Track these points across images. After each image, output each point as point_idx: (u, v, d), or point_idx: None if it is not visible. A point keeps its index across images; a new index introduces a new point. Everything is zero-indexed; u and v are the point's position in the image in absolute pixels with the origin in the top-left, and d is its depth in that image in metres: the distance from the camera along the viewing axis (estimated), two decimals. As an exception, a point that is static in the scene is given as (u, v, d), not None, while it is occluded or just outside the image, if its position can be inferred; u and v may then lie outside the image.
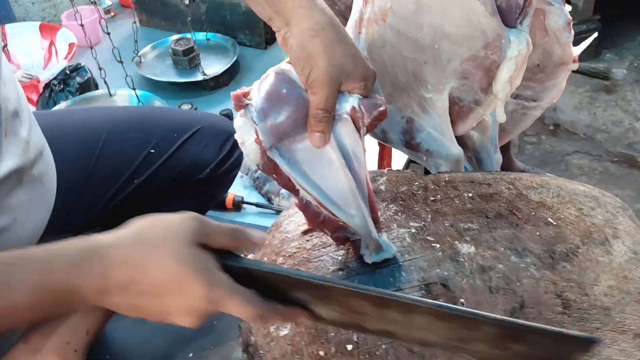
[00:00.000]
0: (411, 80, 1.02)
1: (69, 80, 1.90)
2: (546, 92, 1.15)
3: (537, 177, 0.85)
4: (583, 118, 2.94)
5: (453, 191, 0.83)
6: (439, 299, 0.68)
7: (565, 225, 0.77)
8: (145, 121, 1.10)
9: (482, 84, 0.98)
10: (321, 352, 0.65)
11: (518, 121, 1.23)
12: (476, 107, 1.04)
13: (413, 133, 1.11)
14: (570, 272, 0.71)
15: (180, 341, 1.30)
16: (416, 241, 0.76)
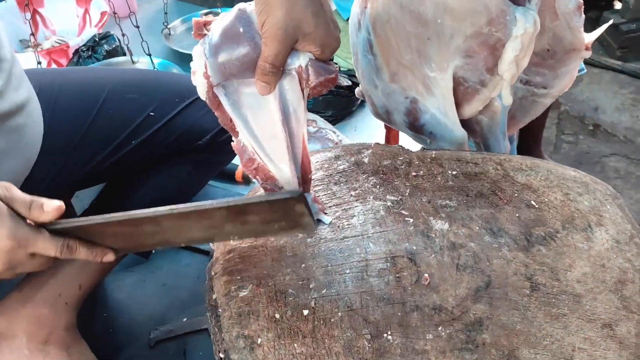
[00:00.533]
0: (415, 58, 1.00)
1: (97, 47, 1.94)
2: (557, 79, 1.10)
3: (527, 159, 0.82)
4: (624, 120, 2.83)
5: (437, 168, 0.81)
6: (402, 272, 0.67)
7: (547, 209, 0.74)
8: (147, 84, 1.11)
9: (487, 63, 0.95)
10: (277, 314, 0.64)
11: (527, 109, 1.18)
12: (482, 89, 1.01)
13: (417, 114, 1.08)
14: (545, 256, 0.68)
15: (177, 306, 1.32)
16: (390, 214, 0.74)
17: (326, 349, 0.61)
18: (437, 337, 0.61)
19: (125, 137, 1.06)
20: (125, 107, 1.08)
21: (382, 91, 1.09)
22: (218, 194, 1.59)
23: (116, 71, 1.16)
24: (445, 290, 0.65)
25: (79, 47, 1.97)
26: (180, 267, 1.43)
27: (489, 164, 0.82)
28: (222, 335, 0.64)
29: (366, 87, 1.11)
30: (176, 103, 1.12)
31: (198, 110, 1.14)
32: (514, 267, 0.67)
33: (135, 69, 1.68)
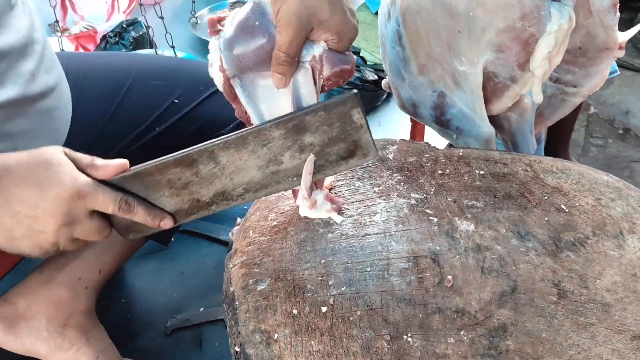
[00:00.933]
0: (445, 51, 0.97)
1: (125, 33, 1.95)
2: (588, 78, 1.07)
3: (558, 162, 0.79)
4: (658, 125, 2.76)
5: (464, 167, 0.79)
6: (425, 273, 0.65)
7: (578, 214, 0.71)
8: (172, 71, 1.11)
9: (518, 59, 0.92)
10: (295, 310, 0.63)
11: (556, 107, 1.15)
12: (512, 85, 0.98)
13: (444, 108, 1.06)
14: (574, 262, 0.66)
15: (194, 295, 1.32)
16: (414, 213, 0.72)
17: (344, 347, 0.59)
18: (458, 341, 0.59)
19: (150, 123, 1.06)
20: (150, 93, 1.07)
21: (410, 83, 1.06)
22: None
23: (142, 57, 1.16)
24: (468, 294, 0.63)
25: (106, 32, 1.98)
26: (199, 256, 1.43)
27: (518, 164, 0.79)
28: (239, 328, 0.63)
29: (393, 79, 1.09)
30: (200, 91, 1.11)
31: (221, 99, 1.13)
32: (541, 273, 0.65)
33: (161, 56, 1.68)
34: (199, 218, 0.67)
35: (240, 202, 0.65)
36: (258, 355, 0.60)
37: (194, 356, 1.20)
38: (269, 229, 0.73)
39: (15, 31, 0.76)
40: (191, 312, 1.28)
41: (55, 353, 1.00)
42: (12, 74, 0.76)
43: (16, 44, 0.76)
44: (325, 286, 0.65)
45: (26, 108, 0.79)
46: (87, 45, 2.00)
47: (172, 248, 1.43)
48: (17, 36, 0.76)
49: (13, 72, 0.76)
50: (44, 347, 0.99)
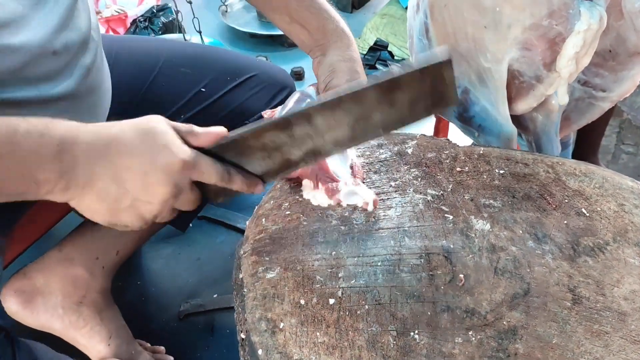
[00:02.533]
0: (471, 47, 0.95)
1: (155, 19, 1.96)
2: (617, 83, 1.04)
3: (582, 164, 0.77)
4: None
5: (484, 165, 0.77)
6: (437, 270, 0.64)
7: (599, 219, 0.69)
8: (201, 59, 1.11)
9: (544, 58, 0.90)
10: (302, 300, 0.63)
11: (584, 111, 1.12)
12: (537, 84, 0.96)
13: (467, 105, 1.04)
14: (591, 268, 0.64)
15: (208, 281, 1.33)
16: (429, 209, 0.71)
17: (349, 341, 0.59)
18: (466, 341, 0.58)
19: (175, 110, 1.06)
20: (177, 80, 1.08)
21: (434, 79, 1.05)
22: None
23: (171, 43, 1.16)
24: (480, 294, 0.62)
25: (136, 17, 2.00)
26: (216, 243, 1.43)
27: (539, 165, 0.77)
28: (245, 315, 0.63)
29: (418, 74, 1.07)
30: (227, 81, 1.11)
31: (248, 91, 1.13)
32: (557, 277, 0.63)
33: (190, 43, 1.69)
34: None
35: (327, 155, 0.66)
36: (263, 343, 0.60)
37: (205, 342, 1.20)
38: (282, 218, 0.72)
39: (77, 28, 0.77)
40: (205, 298, 1.29)
41: (69, 330, 1.01)
42: (73, 67, 0.77)
43: (78, 40, 0.77)
44: (334, 278, 0.64)
45: (76, 103, 0.79)
46: (117, 28, 2.03)
47: (190, 233, 1.43)
48: (79, 33, 0.77)
49: (75, 65, 0.77)
50: (58, 323, 1.00)
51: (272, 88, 1.15)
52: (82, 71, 0.80)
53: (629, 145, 2.50)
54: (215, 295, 1.29)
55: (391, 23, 2.06)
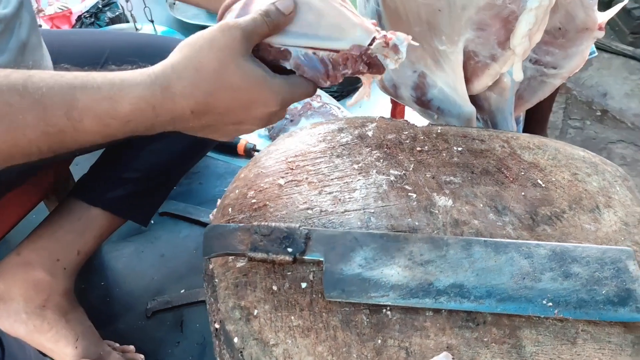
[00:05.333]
0: (425, 30, 0.97)
1: (100, 14, 1.91)
2: (567, 59, 1.08)
3: (535, 138, 0.80)
4: (633, 107, 2.79)
5: (443, 144, 0.79)
6: (404, 248, 0.66)
7: (554, 189, 0.72)
8: (148, 47, 1.09)
9: (499, 37, 0.92)
10: (274, 286, 0.63)
11: (536, 89, 1.16)
12: (492, 63, 0.99)
13: (425, 89, 1.06)
14: (550, 236, 0.66)
15: (174, 277, 1.31)
16: (393, 189, 0.73)
17: (324, 322, 0.59)
18: (436, 314, 0.60)
19: None
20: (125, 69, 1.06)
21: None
22: (219, 166, 1.57)
23: (115, 34, 1.14)
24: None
25: (81, 13, 1.94)
26: (179, 238, 1.42)
27: (495, 141, 0.80)
28: (218, 305, 0.63)
29: (373, 60, 1.08)
30: None
31: None
32: (518, 246, 0.65)
33: (134, 33, 1.65)
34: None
35: (476, 304, 0.60)
36: (238, 331, 0.60)
37: (175, 338, 1.20)
38: (248, 207, 0.72)
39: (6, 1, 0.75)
40: (172, 294, 1.27)
41: (35, 335, 0.99)
42: (6, 39, 0.74)
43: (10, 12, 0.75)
44: (304, 262, 0.65)
45: None
46: (61, 26, 1.96)
47: (152, 230, 1.42)
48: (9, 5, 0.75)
49: (8, 37, 0.75)
50: (22, 328, 0.98)
51: None
52: (17, 45, 0.77)
53: (576, 120, 2.59)
54: (182, 290, 1.28)
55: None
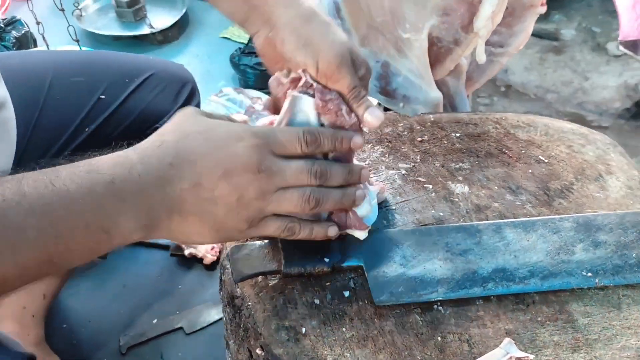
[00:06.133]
0: (388, 19, 0.97)
1: (4, 34, 1.74)
2: (513, 37, 1.12)
3: (522, 116, 0.82)
4: (533, 79, 2.98)
5: (440, 131, 0.79)
6: (436, 240, 0.65)
7: (557, 163, 0.74)
8: (92, 64, 1.01)
9: (463, 21, 0.94)
10: (316, 300, 0.60)
11: (484, 69, 1.20)
12: (455, 48, 1.00)
13: (389, 78, 1.06)
14: (568, 208, 0.68)
15: (143, 306, 1.23)
16: (407, 182, 0.71)
17: (378, 329, 0.57)
18: (486, 301, 0.59)
19: (78, 124, 0.96)
20: (72, 91, 0.97)
21: (352, 57, 1.05)
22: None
23: (57, 54, 1.04)
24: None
25: (-19, 35, 1.75)
26: (139, 265, 1.33)
27: (487, 123, 0.81)
28: (259, 330, 0.59)
29: (335, 55, 1.07)
30: (126, 83, 1.02)
31: (149, 92, 1.05)
32: (542, 223, 0.67)
33: (76, 51, 1.53)
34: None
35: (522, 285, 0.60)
36: (289, 353, 0.56)
37: (157, 371, 1.12)
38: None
39: None
40: (144, 325, 1.19)
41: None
42: None
43: None
44: (341, 270, 0.62)
45: None
46: (-41, 51, 1.77)
47: (108, 262, 1.31)
48: None
49: None
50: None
51: (174, 85, 1.09)
52: None
53: (484, 97, 2.73)
54: (154, 320, 1.20)
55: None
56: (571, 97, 2.87)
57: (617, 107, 2.79)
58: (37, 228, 0.46)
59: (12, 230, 0.45)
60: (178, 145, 0.52)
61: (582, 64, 3.05)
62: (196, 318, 1.20)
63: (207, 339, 1.18)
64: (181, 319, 1.20)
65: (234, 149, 0.52)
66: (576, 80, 2.92)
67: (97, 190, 0.49)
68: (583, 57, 3.09)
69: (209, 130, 0.52)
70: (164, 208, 0.52)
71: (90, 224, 0.49)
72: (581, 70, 2.99)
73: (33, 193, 0.46)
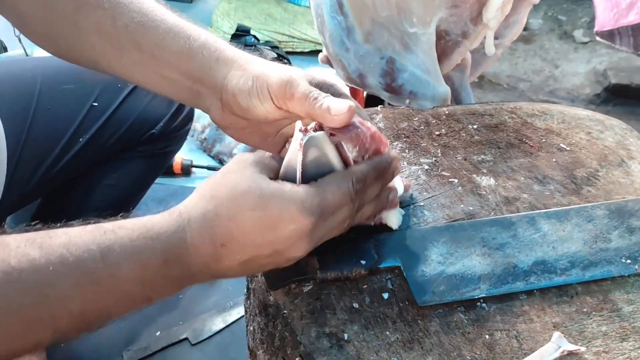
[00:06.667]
0: (394, 14, 0.94)
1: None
2: (508, 28, 1.11)
3: (536, 105, 0.81)
4: (505, 69, 3.01)
5: (456, 124, 0.78)
6: (470, 235, 0.63)
7: (578, 150, 0.73)
8: (82, 70, 0.96)
9: (472, 13, 0.92)
10: (355, 304, 0.57)
11: (480, 61, 1.19)
12: (463, 41, 0.99)
13: (394, 74, 1.04)
14: (597, 196, 0.67)
15: (144, 319, 1.19)
16: (431, 178, 0.70)
17: (422, 330, 0.55)
18: (529, 295, 0.58)
19: (72, 134, 0.92)
20: (63, 100, 0.93)
21: (355, 53, 1.03)
22: (158, 190, 1.44)
23: (42, 60, 0.99)
24: (517, 246, 0.62)
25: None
26: (136, 276, 1.28)
27: (502, 113, 0.80)
28: (298, 338, 0.56)
29: (336, 51, 1.04)
30: (119, 89, 0.99)
31: (145, 95, 1.02)
32: (573, 212, 0.66)
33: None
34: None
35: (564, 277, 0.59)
36: (332, 361, 0.54)
37: (164, 385, 1.08)
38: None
39: None
40: (147, 339, 1.15)
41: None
42: None
43: None
44: (378, 271, 0.60)
45: None
46: None
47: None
48: None
49: None
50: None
51: None
52: None
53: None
54: (158, 332, 1.16)
55: (241, 7, 2.00)
56: (543, 85, 2.91)
57: (588, 92, 2.84)
58: (82, 301, 0.45)
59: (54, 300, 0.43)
60: (231, 225, 0.49)
61: (551, 52, 3.10)
62: (201, 328, 1.17)
63: (214, 348, 1.14)
64: (185, 330, 1.16)
65: (286, 232, 0.50)
66: (547, 68, 2.96)
67: (149, 270, 0.47)
68: (552, 45, 3.14)
69: (262, 207, 0.49)
70: (209, 277, 0.52)
71: (136, 299, 0.48)
72: (550, 58, 3.04)
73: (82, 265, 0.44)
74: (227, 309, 1.19)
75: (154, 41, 0.58)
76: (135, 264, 0.46)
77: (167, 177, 1.48)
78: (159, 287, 0.49)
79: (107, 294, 0.46)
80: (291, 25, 1.90)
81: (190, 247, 0.49)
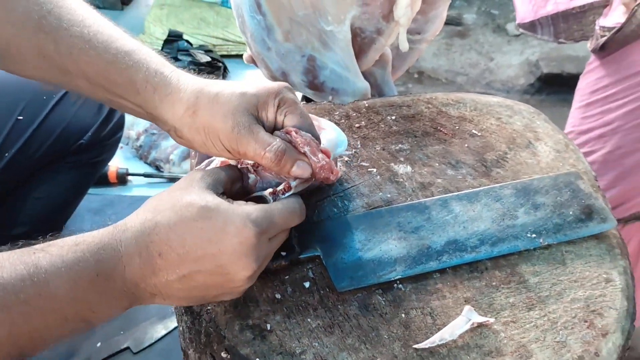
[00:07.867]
0: (310, 13, 0.96)
1: None
2: (429, 23, 1.15)
3: (451, 94, 0.85)
4: (443, 64, 3.10)
5: (376, 116, 0.80)
6: (387, 221, 0.66)
7: (489, 135, 0.77)
8: (5, 83, 0.94)
9: (383, 10, 0.95)
10: (277, 295, 0.59)
11: (405, 57, 1.23)
12: (378, 37, 1.02)
13: (316, 72, 1.06)
14: (505, 176, 0.71)
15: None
16: (351, 169, 0.72)
17: (342, 314, 0.57)
18: (442, 274, 0.61)
19: None
20: None
21: (276, 52, 1.04)
22: (93, 200, 1.42)
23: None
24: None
25: None
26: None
27: (419, 104, 0.83)
28: (222, 333, 0.57)
29: (258, 50, 1.05)
30: (45, 101, 0.97)
31: (71, 105, 1.00)
32: (484, 193, 0.69)
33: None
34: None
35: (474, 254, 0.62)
36: (256, 352, 0.55)
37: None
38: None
39: None
40: (88, 350, 1.13)
41: None
42: None
43: None
44: (298, 262, 0.62)
45: None
46: None
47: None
48: None
49: None
50: None
51: None
52: None
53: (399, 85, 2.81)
54: (98, 344, 1.14)
55: (174, 12, 1.98)
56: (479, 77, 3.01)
57: (522, 83, 2.96)
58: (10, 323, 0.43)
59: None
60: (170, 235, 0.49)
61: (486, 45, 3.21)
62: (142, 336, 1.15)
63: (156, 356, 1.13)
64: (127, 339, 1.14)
65: (229, 246, 0.50)
66: (482, 62, 3.07)
67: (80, 285, 0.46)
68: (486, 39, 3.25)
69: (205, 218, 0.49)
70: (147, 293, 0.50)
71: (70, 318, 0.47)
72: (485, 51, 3.14)
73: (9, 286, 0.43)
74: (168, 315, 1.18)
75: (100, 72, 0.58)
76: (65, 281, 0.45)
77: (103, 186, 1.45)
78: (95, 305, 0.48)
79: (37, 314, 0.44)
80: (225, 28, 1.90)
81: (124, 256, 0.48)
